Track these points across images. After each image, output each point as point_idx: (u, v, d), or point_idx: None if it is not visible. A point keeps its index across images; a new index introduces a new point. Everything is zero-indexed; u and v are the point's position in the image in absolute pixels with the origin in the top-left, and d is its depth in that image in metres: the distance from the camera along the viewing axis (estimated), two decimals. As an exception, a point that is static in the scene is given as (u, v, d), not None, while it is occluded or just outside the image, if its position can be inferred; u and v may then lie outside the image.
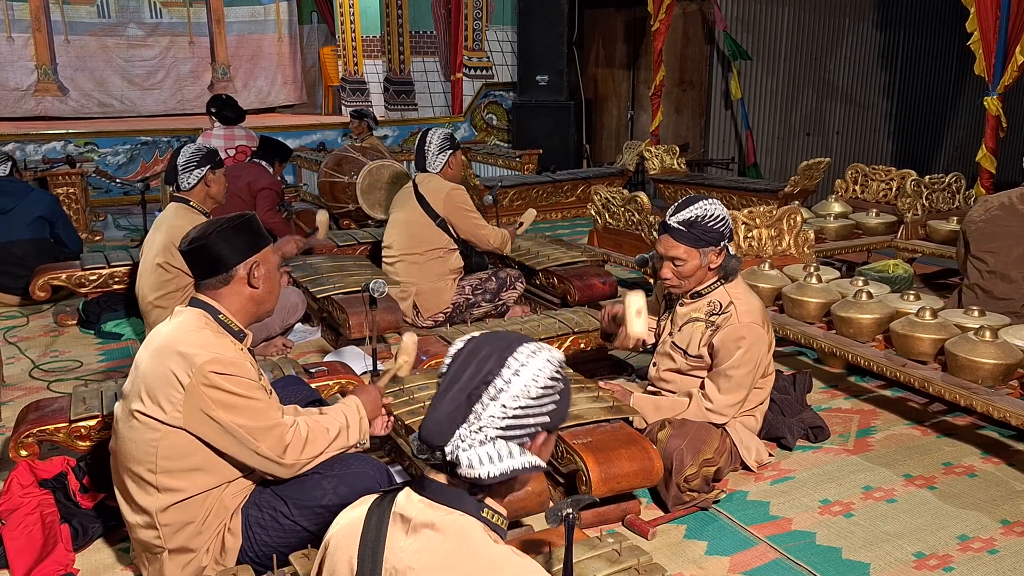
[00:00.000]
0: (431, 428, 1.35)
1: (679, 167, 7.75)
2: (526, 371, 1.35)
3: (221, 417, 2.06)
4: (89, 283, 4.61)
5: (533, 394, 1.35)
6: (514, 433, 1.34)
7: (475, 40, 10.82)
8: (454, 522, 1.34)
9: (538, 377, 1.35)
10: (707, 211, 2.75)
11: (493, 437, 1.33)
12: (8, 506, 2.51)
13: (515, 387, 1.34)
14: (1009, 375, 3.02)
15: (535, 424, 1.36)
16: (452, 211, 4.35)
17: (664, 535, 2.64)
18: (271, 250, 2.30)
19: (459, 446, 1.33)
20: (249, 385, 2.10)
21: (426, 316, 4.41)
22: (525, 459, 1.34)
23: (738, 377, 2.79)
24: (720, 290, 2.86)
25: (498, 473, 1.31)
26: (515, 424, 1.34)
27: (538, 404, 1.36)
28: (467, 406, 1.33)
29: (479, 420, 1.33)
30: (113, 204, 8.74)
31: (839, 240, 5.18)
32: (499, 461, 1.32)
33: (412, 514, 1.37)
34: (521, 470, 1.34)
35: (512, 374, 1.34)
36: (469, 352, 1.37)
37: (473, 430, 1.33)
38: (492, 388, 1.33)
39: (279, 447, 2.11)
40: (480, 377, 1.34)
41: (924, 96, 10.30)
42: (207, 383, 2.05)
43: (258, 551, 2.19)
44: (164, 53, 11.87)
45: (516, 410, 1.34)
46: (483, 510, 1.37)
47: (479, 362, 1.35)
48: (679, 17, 8.92)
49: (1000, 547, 2.59)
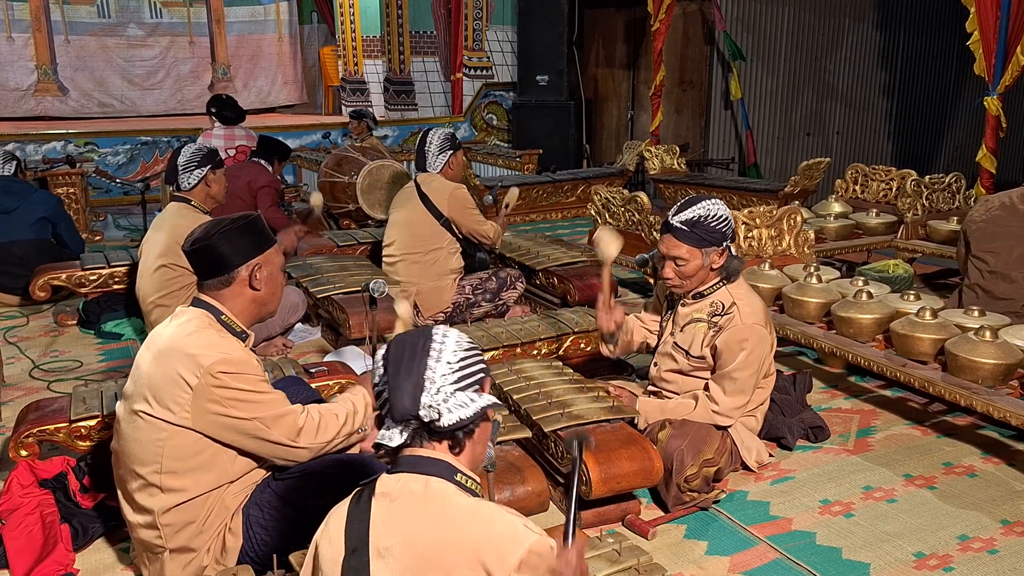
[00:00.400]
0: (402, 405, 1.49)
1: (679, 167, 7.75)
2: (451, 334, 1.57)
3: (233, 414, 2.08)
4: (89, 283, 4.61)
5: (465, 347, 1.55)
6: (467, 383, 1.53)
7: (475, 40, 10.82)
8: (429, 485, 1.49)
9: (461, 337, 1.57)
10: (710, 211, 2.75)
11: (452, 392, 1.50)
12: (8, 506, 2.51)
13: (450, 345, 1.54)
14: (1009, 375, 3.02)
15: (479, 371, 1.55)
16: (456, 210, 4.36)
17: (664, 535, 2.65)
18: (275, 251, 2.29)
19: (430, 406, 1.49)
20: (256, 380, 2.13)
21: (426, 316, 4.41)
22: (486, 399, 1.54)
23: (743, 379, 2.79)
24: (723, 291, 2.86)
25: (472, 413, 1.51)
26: (464, 375, 1.52)
27: (472, 355, 1.56)
28: (420, 375, 1.49)
29: (434, 383, 1.49)
30: (113, 204, 8.74)
31: (839, 240, 5.18)
32: (468, 404, 1.51)
33: (391, 489, 1.51)
34: (488, 406, 1.54)
35: (442, 337, 1.55)
36: (396, 345, 1.55)
37: (433, 393, 1.49)
38: (433, 352, 1.52)
39: (292, 432, 2.14)
40: (418, 350, 1.52)
41: (924, 96, 10.30)
42: (216, 383, 2.06)
43: (259, 551, 2.19)
44: (164, 53, 11.87)
45: (460, 363, 1.52)
46: (456, 475, 1.52)
47: (410, 344, 1.54)
48: (679, 17, 8.92)
49: (1000, 547, 2.59)
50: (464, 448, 1.55)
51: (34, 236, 5.14)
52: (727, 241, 2.79)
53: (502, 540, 1.42)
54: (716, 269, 2.83)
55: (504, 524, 1.45)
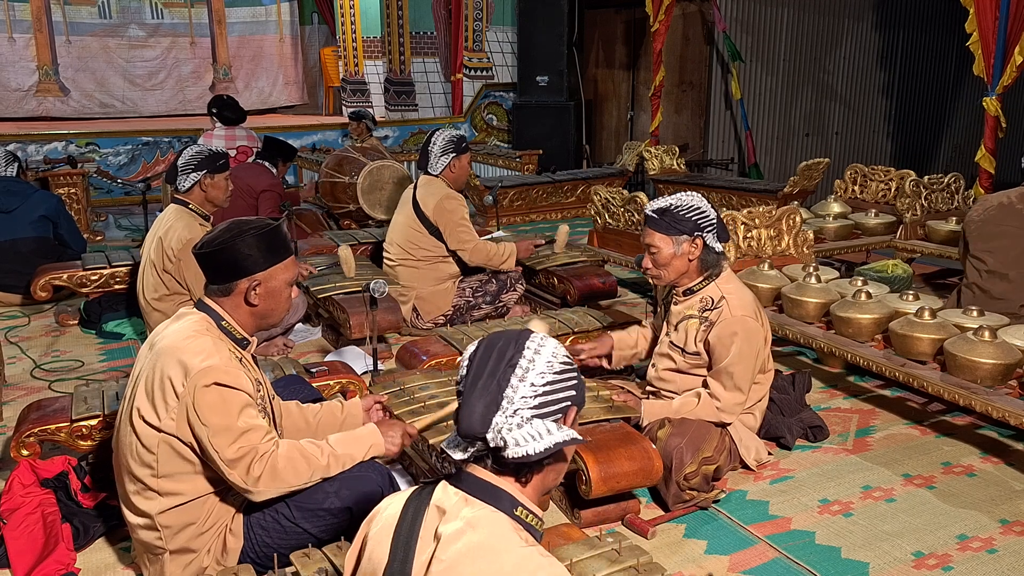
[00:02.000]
0: (469, 421, 1.38)
1: (679, 167, 7.76)
2: (545, 350, 1.41)
3: (200, 433, 2.04)
4: (90, 283, 4.62)
5: (557, 369, 1.40)
6: (547, 410, 1.39)
7: (475, 41, 10.83)
8: (485, 518, 1.37)
9: (556, 354, 1.42)
10: (682, 201, 2.81)
11: (529, 418, 1.37)
12: (9, 505, 2.52)
13: (539, 365, 1.39)
14: (1008, 375, 3.02)
15: (565, 398, 1.41)
16: (441, 220, 4.29)
17: (664, 534, 2.65)
18: (283, 267, 2.22)
19: (500, 431, 1.36)
20: (238, 401, 2.06)
21: (426, 319, 4.42)
22: (564, 433, 1.39)
23: (739, 373, 2.81)
24: (712, 286, 2.89)
25: (543, 448, 1.35)
26: (546, 401, 1.39)
27: (563, 379, 1.41)
28: (498, 392, 1.37)
29: (512, 404, 1.37)
30: (114, 204, 8.76)
31: (838, 240, 5.18)
32: (541, 438, 1.36)
33: (448, 505, 1.40)
34: (563, 443, 1.38)
35: (533, 354, 1.40)
36: (485, 348, 1.42)
37: (508, 415, 1.36)
38: (519, 369, 1.38)
39: (248, 478, 2.06)
40: (505, 363, 1.39)
41: (923, 96, 10.30)
42: (194, 396, 2.03)
43: (259, 552, 2.20)
44: (165, 54, 11.89)
45: (545, 387, 1.39)
46: (517, 508, 1.40)
47: (499, 351, 1.40)
48: (679, 18, 8.93)
49: (999, 547, 2.59)
50: (531, 480, 1.42)
51: (36, 234, 5.15)
52: (700, 232, 2.80)
53: None
54: (694, 261, 2.84)
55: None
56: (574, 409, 1.44)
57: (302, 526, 2.17)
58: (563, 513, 2.75)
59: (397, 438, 2.36)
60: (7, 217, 5.10)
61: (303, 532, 2.17)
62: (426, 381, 2.97)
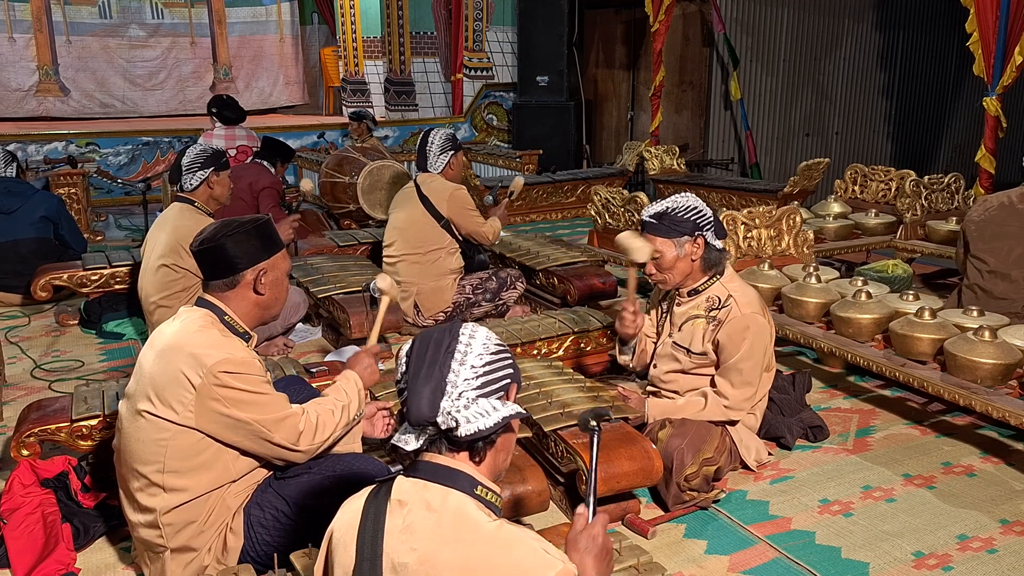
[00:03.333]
0: (418, 408, 1.43)
1: (679, 167, 7.76)
2: (478, 335, 1.49)
3: (235, 414, 2.09)
4: (90, 283, 4.62)
5: (492, 350, 1.48)
6: (490, 389, 1.46)
7: (475, 41, 10.83)
8: (448, 500, 1.41)
9: (489, 338, 1.50)
10: (677, 203, 2.81)
11: (474, 398, 1.44)
12: (10, 505, 2.52)
13: (476, 347, 1.47)
14: (1008, 375, 3.03)
15: (504, 376, 1.48)
16: (456, 211, 4.37)
17: (664, 534, 2.65)
18: (282, 257, 2.30)
19: (450, 413, 1.42)
20: (258, 381, 2.13)
21: (427, 315, 4.42)
22: (509, 408, 1.47)
23: (748, 369, 2.82)
24: (716, 285, 2.89)
25: (492, 424, 1.43)
26: (488, 380, 1.46)
27: (499, 359, 1.48)
28: (441, 379, 1.43)
29: (456, 388, 1.43)
30: (114, 204, 8.76)
31: (838, 240, 5.18)
32: (490, 413, 1.43)
33: (408, 497, 1.44)
34: (511, 416, 1.46)
35: (468, 338, 1.48)
36: (420, 342, 1.49)
37: (454, 398, 1.43)
38: (457, 354, 1.45)
39: (293, 435, 2.15)
40: (443, 351, 1.46)
41: (923, 97, 10.31)
42: (219, 383, 2.06)
43: (260, 550, 2.20)
44: (166, 54, 11.89)
45: (484, 367, 1.46)
46: (476, 487, 1.45)
47: (435, 342, 1.47)
48: (679, 18, 8.93)
49: (999, 547, 2.60)
50: (485, 458, 1.48)
51: (36, 235, 5.15)
52: (700, 231, 2.81)
53: (524, 571, 1.34)
54: (697, 261, 2.84)
55: (526, 552, 1.36)
56: (514, 386, 1.51)
57: (302, 524, 2.17)
58: (563, 513, 2.75)
59: (372, 366, 2.45)
60: (7, 218, 5.10)
61: (303, 530, 2.16)
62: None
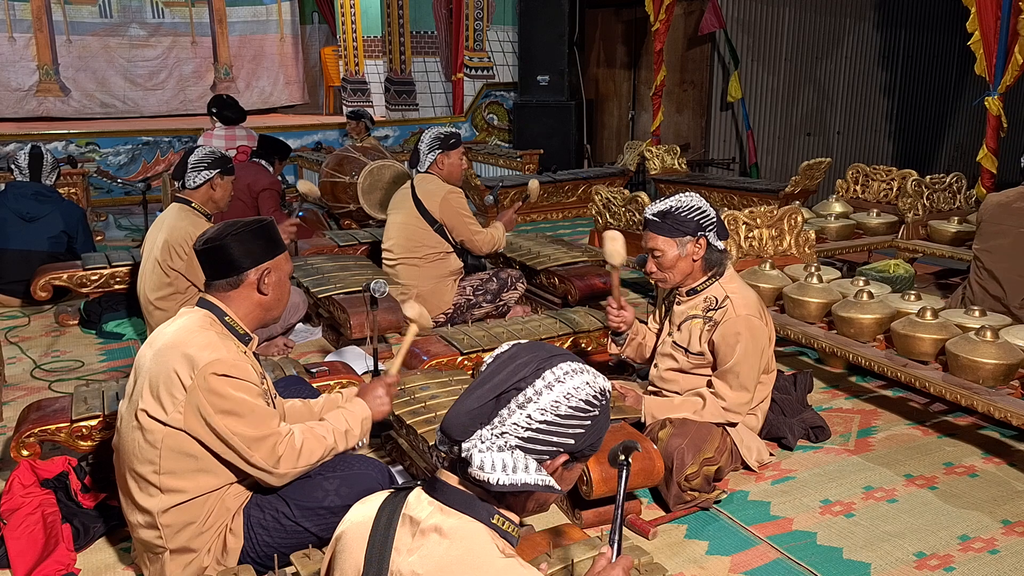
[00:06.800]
0: (453, 420, 1.33)
1: (680, 167, 7.75)
2: (560, 387, 1.32)
3: (217, 423, 2.05)
4: (90, 283, 4.62)
5: (561, 412, 1.32)
6: (534, 447, 1.31)
7: (476, 40, 10.83)
8: (462, 528, 1.32)
9: (570, 396, 1.32)
10: (681, 202, 2.80)
11: (513, 446, 1.30)
12: (9, 506, 2.51)
13: (544, 400, 1.31)
14: (1010, 375, 3.02)
15: (557, 444, 1.32)
16: (448, 215, 4.32)
17: (665, 535, 2.65)
18: (284, 258, 2.29)
19: (476, 445, 1.30)
20: (249, 390, 2.09)
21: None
22: (539, 477, 1.30)
23: (744, 372, 2.81)
24: (716, 285, 2.88)
25: (507, 483, 1.28)
26: (536, 438, 1.31)
27: (564, 424, 1.32)
28: (494, 408, 1.31)
29: (503, 425, 1.31)
30: (114, 204, 8.76)
31: (840, 240, 5.18)
32: (511, 472, 1.28)
33: (421, 516, 1.36)
34: (533, 487, 1.29)
35: (544, 386, 1.32)
36: (510, 356, 1.36)
37: (495, 433, 1.31)
38: (521, 396, 1.31)
39: (272, 458, 2.10)
40: (512, 382, 1.32)
41: (925, 96, 10.30)
42: (207, 387, 2.03)
43: (260, 551, 2.19)
44: (166, 53, 11.90)
45: (540, 424, 1.31)
46: (493, 516, 1.35)
47: (516, 367, 1.33)
48: (679, 17, 8.92)
49: (1001, 547, 2.59)
50: (506, 501, 1.37)
51: (49, 249, 5.07)
52: (703, 231, 2.81)
53: None
54: (699, 261, 2.84)
55: None
56: (564, 457, 1.35)
57: (302, 525, 2.17)
58: (564, 513, 2.74)
59: (384, 398, 2.40)
60: (28, 226, 5.03)
61: (303, 531, 2.17)
62: (426, 381, 2.97)
